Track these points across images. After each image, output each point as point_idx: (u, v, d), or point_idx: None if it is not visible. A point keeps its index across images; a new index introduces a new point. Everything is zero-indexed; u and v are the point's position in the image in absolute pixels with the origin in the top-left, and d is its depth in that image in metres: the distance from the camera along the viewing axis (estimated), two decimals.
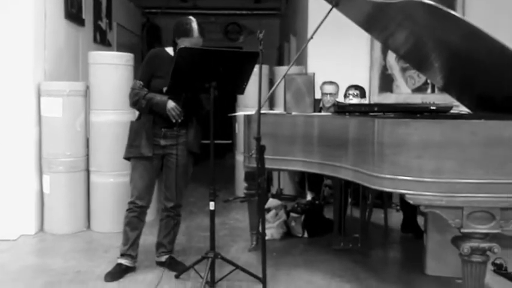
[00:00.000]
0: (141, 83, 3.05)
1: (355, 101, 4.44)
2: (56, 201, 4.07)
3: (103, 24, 6.14)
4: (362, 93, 4.55)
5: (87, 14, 5.49)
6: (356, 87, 4.55)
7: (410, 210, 3.97)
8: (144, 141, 3.05)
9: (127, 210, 3.14)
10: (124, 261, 3.17)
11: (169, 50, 3.11)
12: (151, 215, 4.09)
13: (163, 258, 3.28)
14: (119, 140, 3.91)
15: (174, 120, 2.95)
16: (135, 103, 3.06)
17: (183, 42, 2.97)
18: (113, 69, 4.14)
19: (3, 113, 4.00)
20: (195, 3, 9.29)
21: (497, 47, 2.28)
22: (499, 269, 3.22)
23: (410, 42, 3.09)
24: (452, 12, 2.32)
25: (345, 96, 4.55)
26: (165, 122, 3.02)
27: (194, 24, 3.00)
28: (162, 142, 3.10)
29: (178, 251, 3.46)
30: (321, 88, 4.73)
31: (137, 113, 3.18)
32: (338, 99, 4.69)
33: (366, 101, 4.57)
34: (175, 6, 9.02)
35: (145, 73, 3.08)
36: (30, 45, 4.04)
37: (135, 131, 3.10)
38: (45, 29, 4.29)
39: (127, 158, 3.15)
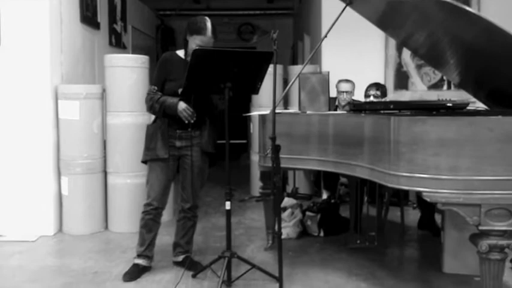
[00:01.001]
0: (155, 87, 3.09)
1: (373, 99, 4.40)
2: (74, 202, 4.12)
3: (118, 27, 6.19)
4: (383, 92, 4.49)
5: (103, 17, 5.54)
6: (377, 86, 4.48)
7: (427, 208, 3.95)
8: (160, 143, 3.08)
9: (143, 212, 3.17)
10: (141, 262, 3.20)
11: (180, 53, 3.14)
12: (168, 216, 4.12)
13: (181, 258, 3.30)
14: (135, 142, 3.96)
15: (186, 121, 2.97)
16: (150, 107, 3.10)
17: (195, 40, 2.99)
18: (128, 72, 4.18)
19: (22, 116, 4.06)
20: (208, 4, 9.33)
21: None
22: None
23: (425, 39, 3.07)
24: (468, 8, 2.30)
25: (366, 96, 4.50)
26: (180, 124, 3.04)
27: (208, 24, 3.02)
28: (178, 143, 3.12)
29: (194, 250, 3.48)
30: (337, 86, 4.71)
31: (153, 116, 3.21)
32: (358, 97, 4.64)
33: (385, 99, 4.52)
34: (188, 8, 9.07)
35: (159, 77, 3.11)
36: (47, 50, 4.10)
37: (150, 134, 3.14)
38: (62, 33, 4.35)
39: (144, 162, 3.19)
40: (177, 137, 3.11)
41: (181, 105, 2.96)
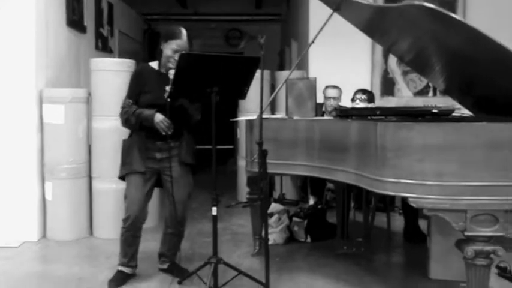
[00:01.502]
0: (130, 101, 3.04)
1: (361, 105, 4.42)
2: (58, 207, 4.07)
3: (104, 31, 6.16)
4: (370, 98, 4.52)
5: (89, 21, 5.51)
6: (364, 91, 4.52)
7: (412, 215, 3.96)
8: (136, 157, 3.03)
9: (122, 227, 3.10)
10: (125, 269, 3.16)
11: (154, 65, 3.11)
12: (153, 221, 4.09)
13: (166, 266, 3.28)
14: (120, 147, 3.92)
15: (164, 133, 2.93)
16: (125, 121, 3.05)
17: (171, 45, 2.97)
18: (114, 76, 4.15)
19: (6, 120, 4.01)
20: (195, 9, 9.33)
21: (499, 49, 2.27)
22: (503, 272, 3.20)
23: (411, 45, 3.09)
24: (454, 15, 2.31)
25: (352, 100, 4.53)
26: (159, 136, 2.99)
27: (183, 30, 3.02)
28: (158, 156, 3.07)
29: (181, 257, 3.45)
30: (324, 92, 4.73)
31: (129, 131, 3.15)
32: (345, 103, 4.66)
33: (371, 106, 4.53)
34: (176, 13, 9.06)
35: (133, 90, 3.07)
36: (32, 52, 4.06)
37: (126, 149, 3.09)
38: (47, 36, 4.31)
39: (121, 178, 3.13)
40: (157, 149, 3.06)
41: (158, 116, 2.92)
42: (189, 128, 3.15)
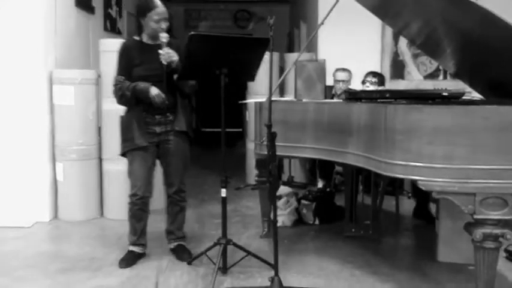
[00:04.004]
0: (122, 77, 3.04)
1: (371, 88, 4.39)
2: (69, 188, 4.12)
3: (113, 12, 6.14)
4: (380, 81, 4.50)
5: (97, 1, 5.49)
6: (375, 74, 4.50)
7: (422, 196, 3.97)
8: (137, 132, 3.04)
9: (129, 203, 3.14)
10: (135, 249, 3.21)
11: (137, 38, 3.11)
12: (161, 203, 4.11)
13: (173, 246, 3.32)
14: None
15: (158, 107, 2.95)
16: (120, 97, 3.04)
17: (152, 17, 2.96)
18: None
19: (16, 102, 4.03)
20: None
21: (511, 31, 2.25)
22: (511, 256, 3.21)
23: (422, 28, 3.06)
24: None
25: (363, 82, 4.51)
26: (157, 109, 3.02)
27: None
28: (158, 129, 3.09)
29: (190, 238, 3.49)
30: (334, 75, 4.70)
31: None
32: (355, 86, 4.65)
33: (381, 87, 4.51)
34: None
35: (123, 66, 3.07)
36: (41, 33, 4.06)
37: (126, 125, 3.10)
38: (56, 17, 4.30)
39: (123, 154, 3.15)
40: (156, 123, 3.08)
41: (154, 90, 2.94)
42: (182, 101, 3.13)
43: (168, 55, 2.90)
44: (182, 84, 3.04)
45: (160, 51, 2.90)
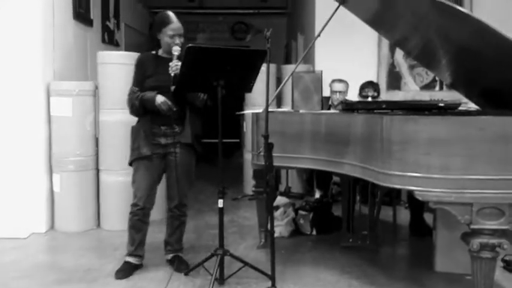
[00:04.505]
0: (136, 88, 3.10)
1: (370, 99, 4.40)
2: (66, 199, 4.11)
3: (111, 24, 6.17)
4: (378, 91, 4.52)
5: (95, 14, 5.52)
6: (374, 87, 4.51)
7: (417, 209, 3.97)
8: (143, 141, 3.07)
9: (130, 213, 3.15)
10: (132, 260, 3.20)
11: (153, 52, 3.18)
12: (160, 214, 4.12)
13: (170, 257, 3.31)
14: (127, 139, 3.92)
15: (167, 114, 2.97)
16: (131, 107, 3.11)
17: (167, 33, 3.03)
18: (121, 69, 4.16)
19: (14, 113, 4.04)
20: (201, 2, 9.32)
21: (506, 42, 2.27)
22: (509, 266, 3.21)
23: (417, 39, 3.09)
24: (460, 8, 2.32)
25: (362, 96, 4.51)
26: (164, 120, 3.05)
27: (170, 13, 3.09)
28: (163, 141, 3.11)
29: (187, 248, 3.48)
30: (330, 86, 4.72)
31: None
32: (352, 97, 4.65)
33: (379, 99, 4.52)
34: (182, 6, 9.04)
35: (137, 78, 3.13)
36: (39, 46, 4.08)
37: (134, 134, 3.14)
38: (54, 29, 4.33)
39: (130, 164, 3.18)
40: (162, 134, 3.11)
41: (159, 98, 2.97)
42: (193, 110, 3.14)
43: (176, 67, 2.92)
44: (193, 98, 3.07)
45: (170, 64, 2.95)
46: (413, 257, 3.65)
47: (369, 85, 4.52)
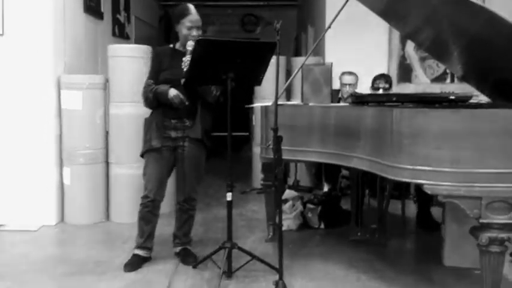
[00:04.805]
0: (151, 81, 3.11)
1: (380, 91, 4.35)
2: (76, 192, 4.14)
3: (121, 17, 6.18)
4: (390, 83, 4.47)
5: (106, 7, 5.53)
6: (386, 79, 4.45)
7: (425, 202, 3.94)
8: (154, 133, 3.09)
9: (140, 204, 3.17)
10: (140, 252, 3.21)
11: (170, 45, 3.17)
12: (169, 207, 4.13)
13: (178, 250, 3.32)
14: (137, 132, 3.93)
15: (179, 107, 2.97)
16: (146, 100, 3.12)
17: (185, 24, 3.03)
18: (131, 62, 4.18)
19: (25, 106, 4.07)
20: None
21: None
22: None
23: (429, 30, 3.06)
24: None
25: (374, 88, 4.48)
26: (175, 114, 3.06)
27: (190, 5, 3.07)
28: (173, 134, 3.12)
29: (195, 241, 3.49)
30: (340, 78, 4.69)
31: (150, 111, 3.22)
32: (362, 90, 4.61)
33: (391, 91, 4.46)
34: None
35: (153, 70, 3.14)
36: (50, 39, 4.09)
37: (146, 127, 3.16)
38: (65, 23, 4.34)
39: (142, 155, 3.20)
40: (172, 128, 3.11)
41: (172, 91, 2.97)
42: (204, 105, 3.15)
43: (189, 62, 2.92)
44: (205, 93, 3.07)
45: (183, 58, 2.95)
46: (421, 251, 3.63)
47: (381, 77, 4.48)
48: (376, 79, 4.51)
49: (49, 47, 4.09)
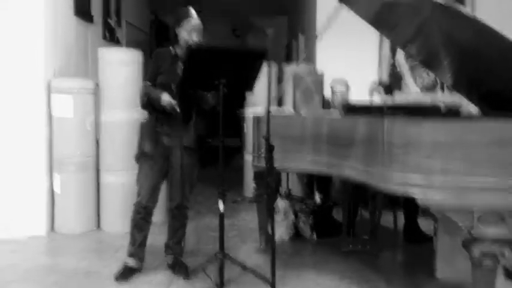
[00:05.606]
0: (148, 82, 3.10)
1: (378, 98, 4.36)
2: (66, 200, 4.09)
3: (112, 21, 6.15)
4: (387, 89, 4.47)
5: (96, 11, 5.50)
6: (383, 85, 4.47)
7: (411, 214, 3.93)
8: (147, 140, 3.09)
9: (133, 211, 3.16)
10: (131, 262, 3.19)
11: (171, 48, 3.15)
12: (162, 216, 4.11)
13: (170, 260, 3.30)
14: (129, 140, 3.94)
15: (170, 112, 2.96)
16: (141, 102, 3.13)
17: (185, 27, 3.03)
18: (122, 67, 4.15)
19: (14, 111, 4.01)
20: (202, 1, 9.26)
21: (508, 44, 2.25)
22: (510, 274, 3.18)
23: (419, 40, 3.07)
24: (462, 9, 2.30)
25: (370, 93, 4.47)
26: (168, 119, 3.04)
27: (191, 9, 3.09)
28: (166, 141, 3.11)
29: (187, 251, 3.46)
30: (331, 86, 4.70)
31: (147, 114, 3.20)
32: (354, 98, 4.61)
33: (389, 97, 4.46)
34: (183, 4, 9.00)
35: (152, 72, 3.13)
36: (41, 42, 4.05)
37: (141, 132, 3.16)
38: (56, 26, 4.30)
39: (136, 159, 3.19)
40: (165, 134, 3.10)
41: (165, 97, 2.96)
42: (199, 112, 3.15)
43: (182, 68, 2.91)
44: (203, 100, 3.06)
45: (179, 63, 2.95)
46: (414, 263, 3.62)
47: (375, 83, 4.48)
48: (372, 86, 4.51)
49: (39, 51, 4.05)
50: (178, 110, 2.96)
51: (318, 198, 4.72)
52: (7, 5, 3.97)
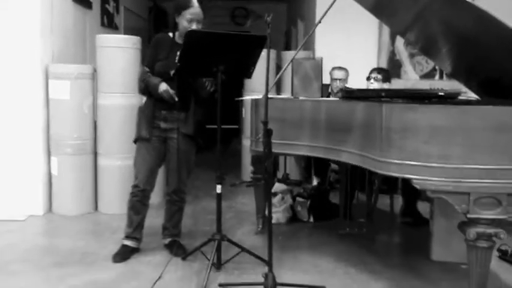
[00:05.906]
0: (146, 68, 3.09)
1: (376, 85, 4.37)
2: (64, 183, 4.11)
3: (110, 7, 6.12)
4: (385, 77, 4.47)
5: None
6: (379, 70, 4.46)
7: (411, 196, 3.97)
8: (143, 124, 3.10)
9: (130, 193, 3.17)
10: (129, 243, 3.21)
11: (172, 35, 3.13)
12: (158, 198, 4.12)
13: (167, 241, 3.32)
14: (126, 123, 3.95)
15: (168, 101, 2.97)
16: (139, 87, 3.13)
17: (185, 16, 3.00)
18: (120, 52, 4.14)
19: (12, 96, 4.02)
20: None
21: (507, 31, 2.26)
22: (504, 255, 3.23)
23: (418, 27, 3.07)
24: None
25: (368, 79, 4.49)
26: (165, 105, 3.04)
27: None
28: (163, 125, 3.11)
29: (184, 233, 3.49)
30: (331, 74, 4.70)
31: (145, 98, 3.20)
32: (352, 84, 4.61)
33: (387, 86, 4.45)
34: None
35: (151, 57, 3.12)
36: (37, 28, 4.04)
37: (139, 115, 3.17)
38: (53, 11, 4.29)
39: (134, 142, 3.20)
40: (162, 118, 3.11)
41: (162, 86, 2.97)
42: (198, 99, 3.15)
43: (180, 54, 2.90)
44: (200, 86, 3.05)
45: (178, 53, 2.92)
46: (409, 246, 3.66)
47: (375, 70, 4.47)
48: (372, 71, 4.52)
49: (37, 37, 4.04)
50: (176, 99, 2.97)
51: (315, 182, 4.75)
52: None
